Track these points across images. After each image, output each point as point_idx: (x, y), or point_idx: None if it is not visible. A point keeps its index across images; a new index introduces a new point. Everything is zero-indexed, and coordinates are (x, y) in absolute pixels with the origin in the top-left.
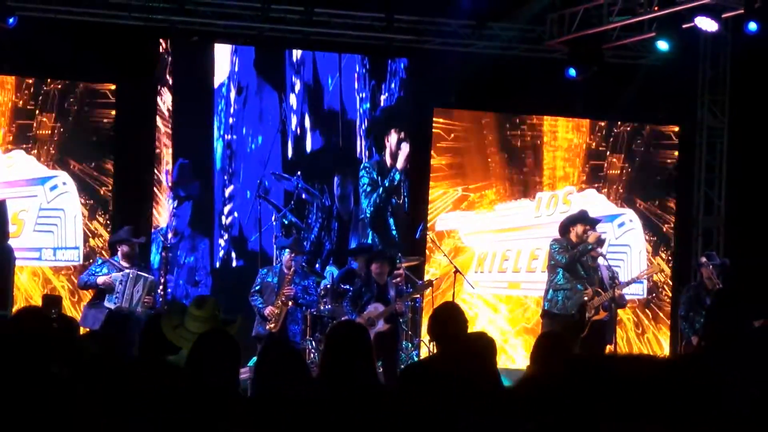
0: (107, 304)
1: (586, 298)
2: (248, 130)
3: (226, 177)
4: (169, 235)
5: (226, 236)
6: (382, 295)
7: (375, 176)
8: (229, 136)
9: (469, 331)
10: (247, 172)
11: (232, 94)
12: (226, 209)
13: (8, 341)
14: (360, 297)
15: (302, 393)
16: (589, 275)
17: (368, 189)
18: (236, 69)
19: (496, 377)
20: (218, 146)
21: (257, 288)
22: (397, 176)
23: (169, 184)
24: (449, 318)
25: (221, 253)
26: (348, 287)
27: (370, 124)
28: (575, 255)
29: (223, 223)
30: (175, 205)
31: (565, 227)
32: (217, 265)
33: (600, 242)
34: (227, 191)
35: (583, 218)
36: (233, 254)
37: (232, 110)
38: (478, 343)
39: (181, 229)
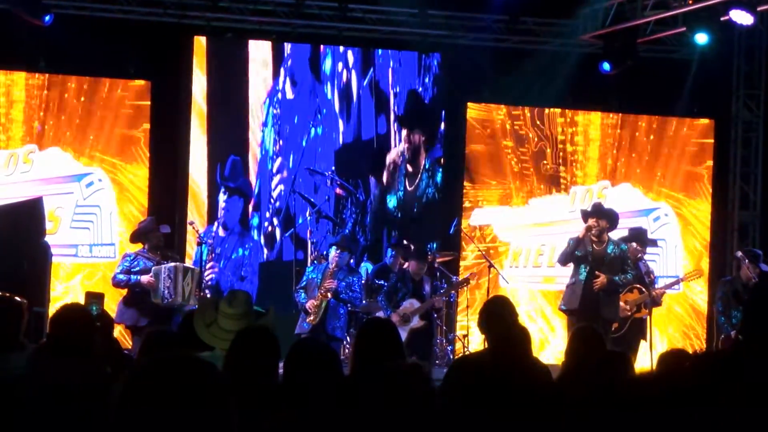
0: (154, 300)
1: (596, 286)
2: (301, 121)
3: (273, 164)
4: (214, 227)
5: (275, 221)
6: (418, 291)
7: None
8: (277, 126)
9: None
10: (297, 162)
11: (288, 87)
12: (275, 193)
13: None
14: (395, 292)
15: (331, 390)
16: (586, 251)
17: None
18: (288, 66)
19: (546, 370)
20: (268, 137)
21: (302, 285)
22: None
23: (219, 178)
24: (499, 311)
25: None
26: (382, 282)
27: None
28: (567, 250)
29: (272, 210)
30: (225, 198)
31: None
32: (264, 248)
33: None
34: (275, 179)
35: (591, 212)
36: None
37: (280, 96)
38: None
39: (231, 225)
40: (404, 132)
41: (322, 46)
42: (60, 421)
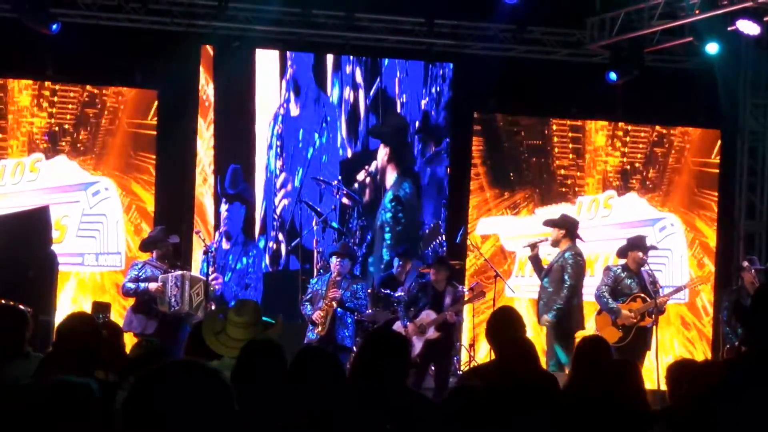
0: (161, 308)
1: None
2: (305, 133)
3: (277, 180)
4: (216, 236)
5: (280, 237)
6: (438, 302)
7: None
8: (279, 142)
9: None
10: (303, 174)
11: (292, 98)
12: (279, 210)
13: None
14: (415, 303)
15: (334, 397)
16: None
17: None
18: (289, 76)
19: (553, 380)
20: (273, 158)
21: (308, 297)
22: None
23: (220, 189)
24: (506, 322)
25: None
26: (388, 292)
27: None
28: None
29: (276, 220)
30: (227, 207)
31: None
32: (269, 268)
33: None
34: (279, 194)
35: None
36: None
37: (283, 111)
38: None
39: (234, 234)
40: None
41: (328, 55)
42: (64, 430)
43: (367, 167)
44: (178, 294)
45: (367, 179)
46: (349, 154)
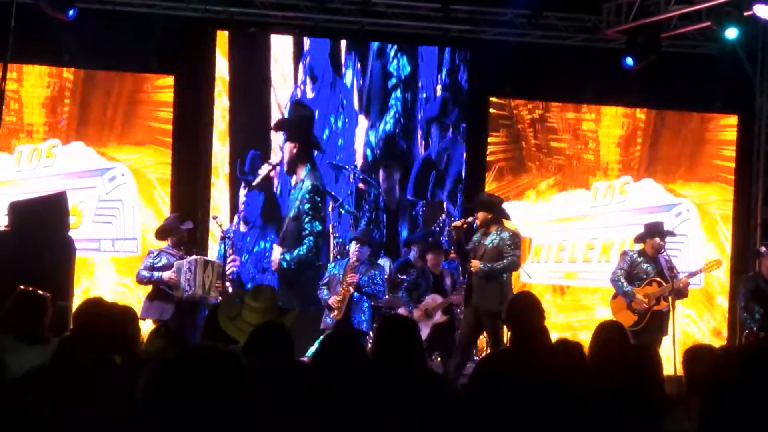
0: (176, 293)
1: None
2: (321, 115)
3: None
4: (235, 219)
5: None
6: (439, 285)
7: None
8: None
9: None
10: (319, 157)
11: (308, 82)
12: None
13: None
14: (416, 288)
15: (359, 379)
16: (474, 244)
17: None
18: (305, 62)
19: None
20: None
21: (325, 281)
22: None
23: (239, 172)
24: (524, 308)
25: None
26: (405, 277)
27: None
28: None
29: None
30: (245, 193)
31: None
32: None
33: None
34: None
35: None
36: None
37: (300, 94)
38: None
39: (252, 218)
40: (285, 143)
41: (343, 41)
42: (84, 415)
43: (270, 161)
44: (192, 278)
45: (272, 173)
46: (362, 137)
